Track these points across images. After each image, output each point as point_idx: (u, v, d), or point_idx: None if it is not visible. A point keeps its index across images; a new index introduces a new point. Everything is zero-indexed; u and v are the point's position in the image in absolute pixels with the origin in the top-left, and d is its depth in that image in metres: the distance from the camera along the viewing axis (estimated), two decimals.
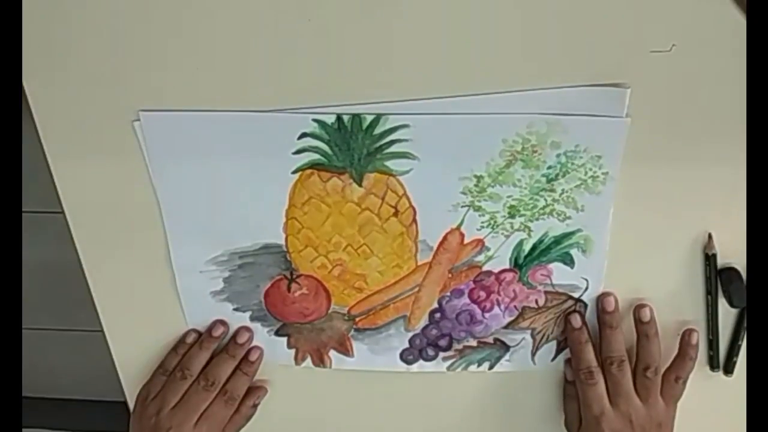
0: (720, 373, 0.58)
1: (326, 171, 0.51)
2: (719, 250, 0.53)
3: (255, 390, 0.61)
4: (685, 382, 0.55)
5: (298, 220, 0.53)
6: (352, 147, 0.50)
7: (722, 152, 0.49)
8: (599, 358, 0.55)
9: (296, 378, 0.61)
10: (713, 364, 0.58)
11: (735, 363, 0.57)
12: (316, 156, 0.51)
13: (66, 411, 1.12)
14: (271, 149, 0.50)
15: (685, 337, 0.56)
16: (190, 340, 0.59)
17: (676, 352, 0.56)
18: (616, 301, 0.55)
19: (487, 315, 0.57)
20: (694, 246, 0.54)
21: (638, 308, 0.55)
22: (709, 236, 0.53)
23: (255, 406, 0.61)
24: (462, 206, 0.52)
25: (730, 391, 0.59)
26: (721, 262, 0.54)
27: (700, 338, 0.56)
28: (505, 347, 0.59)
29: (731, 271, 0.54)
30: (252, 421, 0.61)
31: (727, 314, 0.56)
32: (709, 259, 0.53)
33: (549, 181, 0.51)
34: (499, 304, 0.57)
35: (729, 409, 0.59)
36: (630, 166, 0.50)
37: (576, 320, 0.56)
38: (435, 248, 0.54)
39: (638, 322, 0.55)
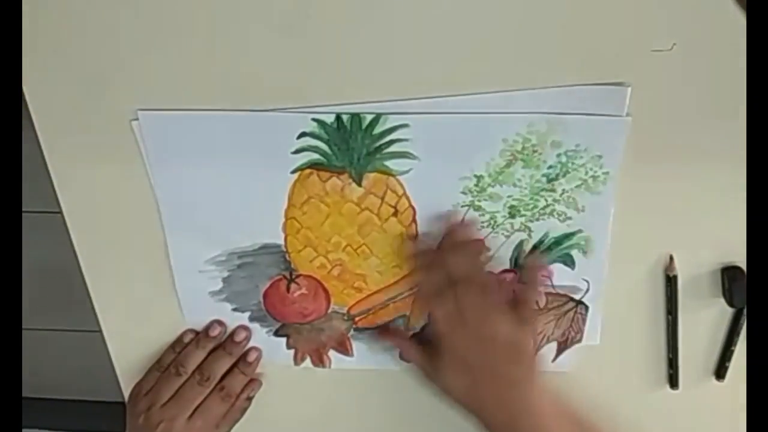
0: (713, 379, 0.59)
1: (325, 171, 0.51)
2: (721, 250, 0.53)
3: (250, 382, 0.60)
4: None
5: (297, 220, 0.53)
6: (351, 147, 0.50)
7: (722, 151, 0.49)
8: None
9: (296, 378, 0.61)
10: (673, 382, 0.58)
11: (727, 368, 0.58)
12: (315, 156, 0.50)
13: (66, 411, 1.12)
14: (271, 149, 0.50)
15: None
16: (187, 339, 0.59)
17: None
18: None
19: None
20: (694, 245, 0.54)
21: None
22: (671, 258, 0.54)
23: (249, 399, 0.60)
24: (462, 206, 0.52)
25: (723, 396, 0.59)
26: (724, 262, 0.54)
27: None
28: None
29: (733, 270, 0.54)
30: (252, 421, 0.61)
31: (721, 319, 0.56)
32: (670, 280, 0.54)
33: (549, 180, 0.51)
34: None
35: (722, 415, 0.59)
36: (630, 166, 0.50)
37: None
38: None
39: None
